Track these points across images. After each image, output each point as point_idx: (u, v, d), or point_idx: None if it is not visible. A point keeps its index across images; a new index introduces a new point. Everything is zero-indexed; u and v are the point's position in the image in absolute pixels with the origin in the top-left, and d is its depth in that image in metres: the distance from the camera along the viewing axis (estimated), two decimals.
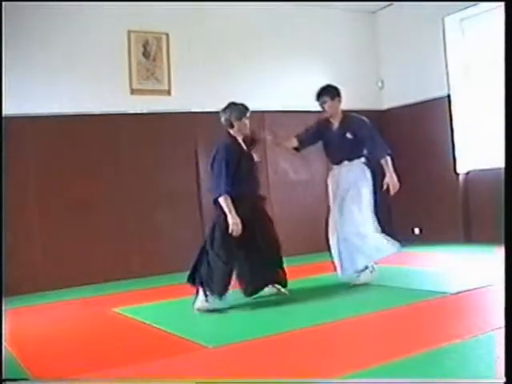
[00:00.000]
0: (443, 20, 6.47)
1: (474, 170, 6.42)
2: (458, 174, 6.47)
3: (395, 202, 7.25)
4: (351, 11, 7.17)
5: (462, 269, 4.87)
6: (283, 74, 6.62)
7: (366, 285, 4.30)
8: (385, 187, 4.23)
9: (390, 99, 7.23)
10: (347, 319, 3.27)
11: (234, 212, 3.79)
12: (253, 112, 4.59)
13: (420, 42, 6.75)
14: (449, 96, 6.49)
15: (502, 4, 2.42)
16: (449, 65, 6.49)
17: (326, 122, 4.41)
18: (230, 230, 3.79)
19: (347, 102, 6.97)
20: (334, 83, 6.92)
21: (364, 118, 4.37)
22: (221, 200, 3.83)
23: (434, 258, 5.60)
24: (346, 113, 4.41)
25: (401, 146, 7.10)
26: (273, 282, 4.07)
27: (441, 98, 6.55)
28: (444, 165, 6.56)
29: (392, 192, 4.23)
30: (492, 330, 2.70)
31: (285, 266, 4.14)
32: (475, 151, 6.47)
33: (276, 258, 4.07)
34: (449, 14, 6.43)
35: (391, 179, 4.22)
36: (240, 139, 4.09)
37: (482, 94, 6.35)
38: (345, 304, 3.79)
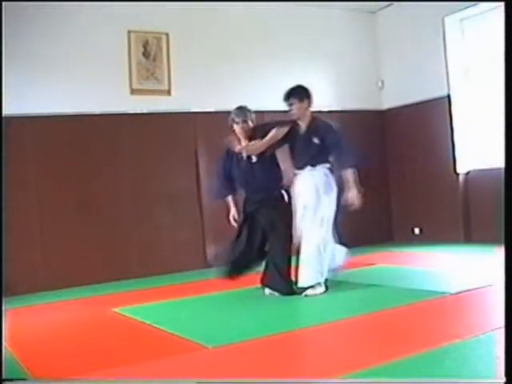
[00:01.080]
0: (443, 20, 6.47)
1: (474, 170, 6.42)
2: (457, 174, 6.47)
3: (395, 202, 7.28)
4: (351, 11, 7.17)
5: (461, 269, 4.87)
6: (283, 73, 6.61)
7: (365, 285, 4.31)
8: (346, 202, 4.01)
9: (390, 99, 7.24)
10: (347, 319, 3.27)
11: (231, 208, 4.30)
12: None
13: (420, 42, 6.75)
14: (449, 96, 6.49)
15: (502, 4, 2.42)
16: (449, 65, 6.49)
17: (294, 125, 4.20)
18: None
19: (347, 102, 7.07)
20: (334, 83, 7.02)
21: (332, 124, 4.19)
22: None
23: (434, 258, 5.60)
24: (314, 116, 4.22)
25: (401, 146, 7.14)
26: (264, 285, 4.23)
27: (441, 98, 6.55)
28: (444, 165, 6.56)
29: (353, 208, 4.01)
30: (492, 330, 2.70)
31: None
32: (475, 151, 6.47)
33: (274, 259, 4.14)
34: (449, 14, 6.43)
35: (352, 194, 3.99)
36: (242, 141, 4.20)
37: (482, 94, 6.35)
38: (345, 304, 3.79)
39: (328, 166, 4.13)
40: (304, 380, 2.31)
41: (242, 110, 4.21)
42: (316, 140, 4.09)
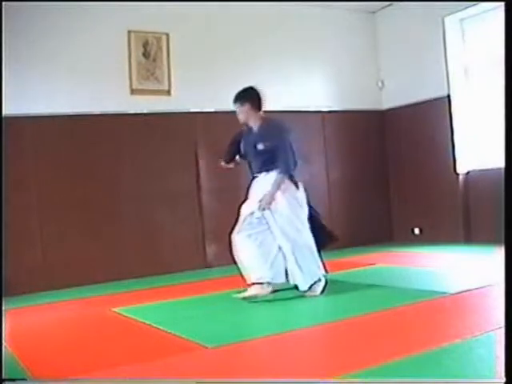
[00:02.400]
0: (443, 20, 6.47)
1: (474, 170, 6.42)
2: (457, 174, 6.47)
3: (395, 202, 7.28)
4: (351, 11, 7.17)
5: (461, 269, 4.87)
6: (283, 74, 6.62)
7: (365, 285, 4.31)
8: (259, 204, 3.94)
9: (390, 99, 7.23)
10: (347, 319, 3.27)
11: None
12: None
13: (420, 42, 6.75)
14: (449, 96, 6.49)
15: (502, 4, 2.42)
16: (449, 65, 6.50)
17: (248, 128, 4.10)
18: None
19: (347, 102, 7.07)
20: (334, 83, 7.02)
21: (283, 127, 3.98)
22: None
23: (434, 258, 5.60)
24: (266, 118, 4.04)
25: (401, 146, 7.14)
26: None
27: (441, 98, 6.55)
28: (444, 165, 6.56)
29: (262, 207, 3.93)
30: (492, 330, 2.70)
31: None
32: (475, 151, 6.47)
33: None
34: (449, 14, 6.43)
35: (265, 198, 3.89)
36: None
37: (482, 94, 6.35)
38: (345, 304, 3.79)
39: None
40: (304, 380, 2.30)
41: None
42: (261, 145, 3.93)
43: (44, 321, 3.97)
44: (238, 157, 4.30)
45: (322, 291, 4.03)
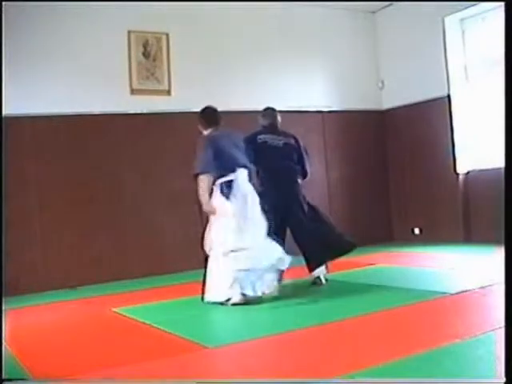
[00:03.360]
0: (443, 20, 6.48)
1: (474, 170, 6.42)
2: (457, 174, 6.47)
3: (395, 202, 7.28)
4: (351, 11, 7.17)
5: (462, 269, 4.87)
6: (283, 73, 6.62)
7: (365, 285, 4.31)
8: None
9: (390, 99, 7.23)
10: (347, 319, 3.27)
11: None
12: (252, 112, 4.64)
13: (420, 42, 6.75)
14: (449, 96, 6.49)
15: (502, 4, 2.42)
16: (449, 65, 6.50)
17: None
18: None
19: (347, 102, 7.07)
20: (335, 83, 7.02)
21: (203, 137, 4.28)
22: None
23: (434, 258, 5.60)
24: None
25: (401, 146, 7.14)
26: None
27: (441, 98, 6.55)
28: (444, 165, 6.56)
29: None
30: (492, 330, 2.70)
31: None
32: (475, 151, 6.47)
33: None
34: (449, 14, 6.43)
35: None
36: None
37: (482, 94, 6.35)
38: (345, 304, 3.79)
39: (221, 180, 4.17)
40: (304, 380, 2.31)
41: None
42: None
43: (44, 321, 3.97)
44: None
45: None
